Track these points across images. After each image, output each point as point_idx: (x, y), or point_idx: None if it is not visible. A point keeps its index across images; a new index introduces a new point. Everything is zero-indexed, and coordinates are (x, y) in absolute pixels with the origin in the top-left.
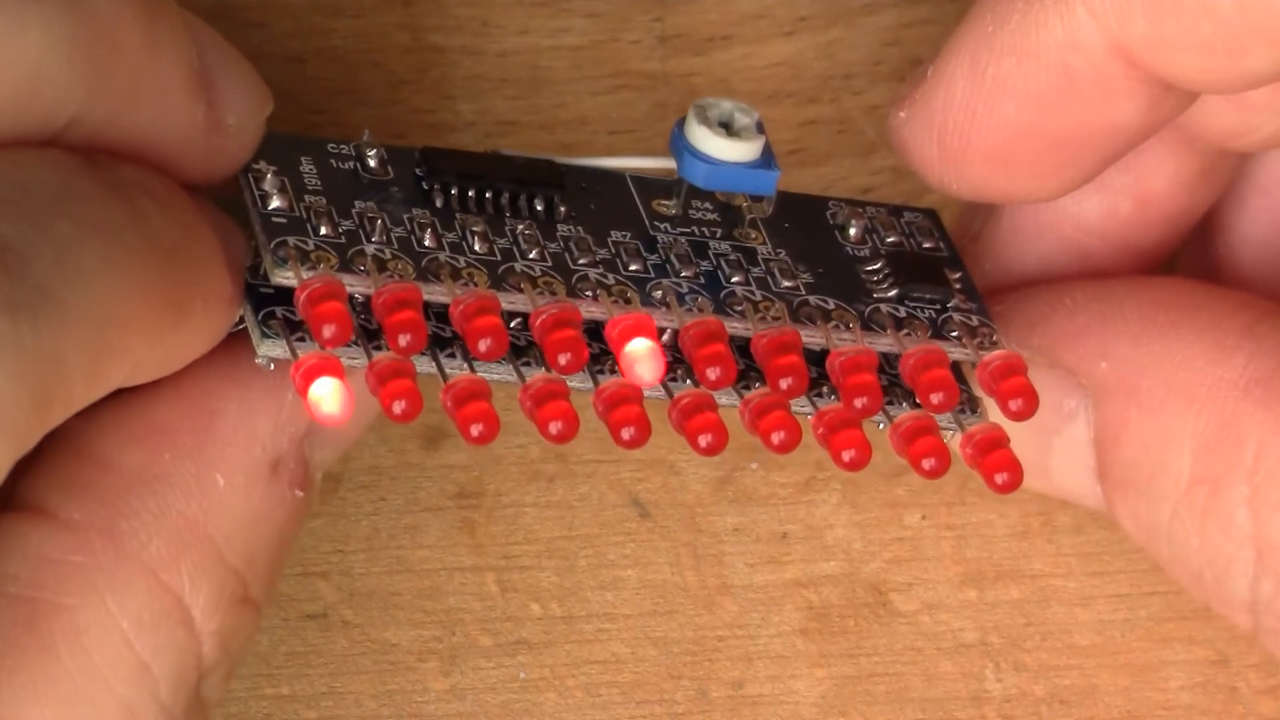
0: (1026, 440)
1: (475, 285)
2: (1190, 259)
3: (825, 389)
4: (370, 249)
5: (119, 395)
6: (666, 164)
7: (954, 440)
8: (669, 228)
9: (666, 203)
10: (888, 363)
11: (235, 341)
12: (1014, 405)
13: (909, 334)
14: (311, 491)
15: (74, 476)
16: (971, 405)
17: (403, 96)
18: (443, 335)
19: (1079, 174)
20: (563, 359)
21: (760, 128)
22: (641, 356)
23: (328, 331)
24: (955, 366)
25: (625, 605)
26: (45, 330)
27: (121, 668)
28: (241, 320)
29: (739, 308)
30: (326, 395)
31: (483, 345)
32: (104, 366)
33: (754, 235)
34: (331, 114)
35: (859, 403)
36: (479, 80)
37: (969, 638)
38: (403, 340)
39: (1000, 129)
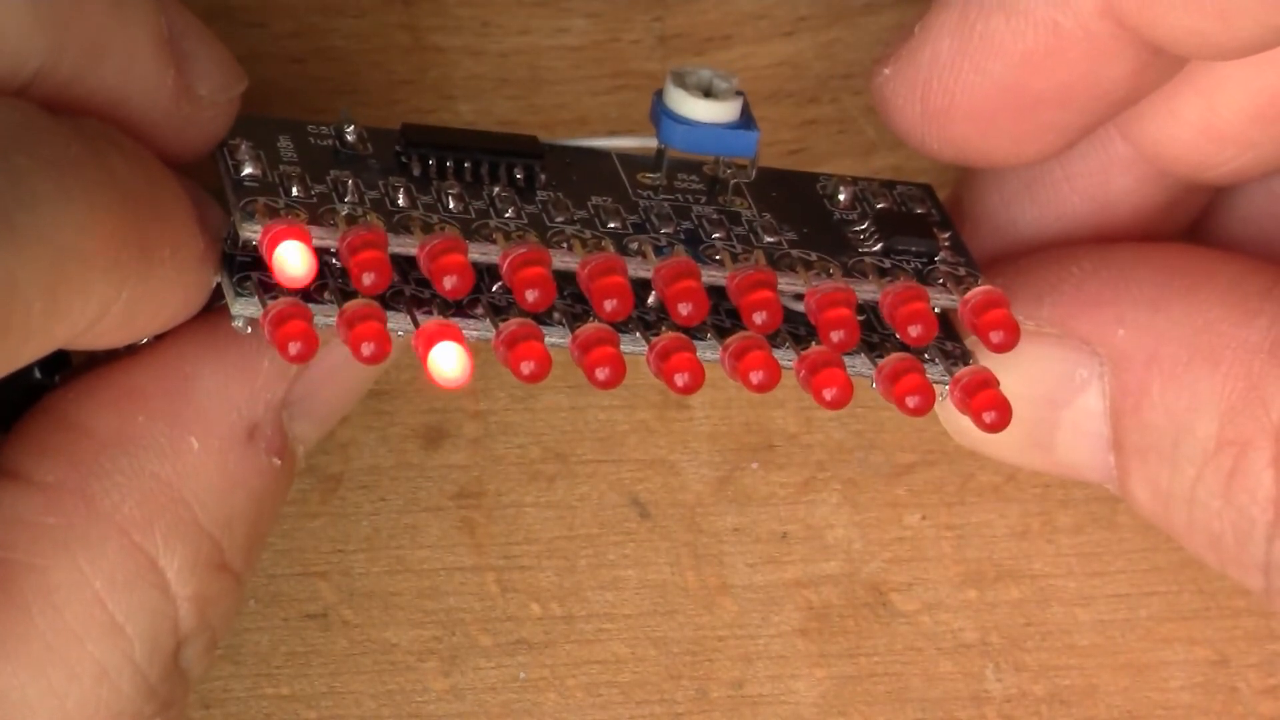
0: (1031, 416)
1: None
2: None
3: (804, 330)
4: (342, 209)
5: (98, 365)
6: (651, 143)
7: (945, 402)
8: (652, 195)
9: (651, 175)
10: (875, 319)
11: (214, 315)
12: (995, 338)
13: (891, 281)
14: (292, 464)
15: (49, 441)
16: (964, 358)
17: (403, 96)
18: (421, 297)
19: (1060, 138)
20: (530, 295)
21: (739, 91)
22: (611, 291)
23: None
24: (945, 319)
25: (625, 605)
26: None
27: (94, 627)
28: (222, 298)
29: (717, 257)
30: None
31: (448, 283)
32: (63, 296)
33: (738, 201)
34: (331, 114)
35: (835, 336)
36: (479, 80)
37: (969, 638)
38: (366, 279)
39: (985, 87)
